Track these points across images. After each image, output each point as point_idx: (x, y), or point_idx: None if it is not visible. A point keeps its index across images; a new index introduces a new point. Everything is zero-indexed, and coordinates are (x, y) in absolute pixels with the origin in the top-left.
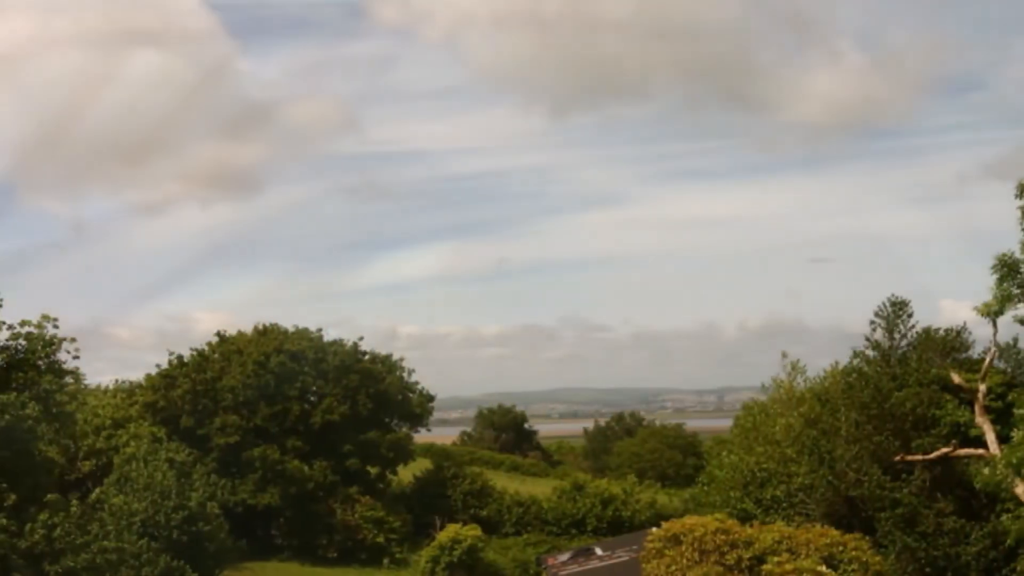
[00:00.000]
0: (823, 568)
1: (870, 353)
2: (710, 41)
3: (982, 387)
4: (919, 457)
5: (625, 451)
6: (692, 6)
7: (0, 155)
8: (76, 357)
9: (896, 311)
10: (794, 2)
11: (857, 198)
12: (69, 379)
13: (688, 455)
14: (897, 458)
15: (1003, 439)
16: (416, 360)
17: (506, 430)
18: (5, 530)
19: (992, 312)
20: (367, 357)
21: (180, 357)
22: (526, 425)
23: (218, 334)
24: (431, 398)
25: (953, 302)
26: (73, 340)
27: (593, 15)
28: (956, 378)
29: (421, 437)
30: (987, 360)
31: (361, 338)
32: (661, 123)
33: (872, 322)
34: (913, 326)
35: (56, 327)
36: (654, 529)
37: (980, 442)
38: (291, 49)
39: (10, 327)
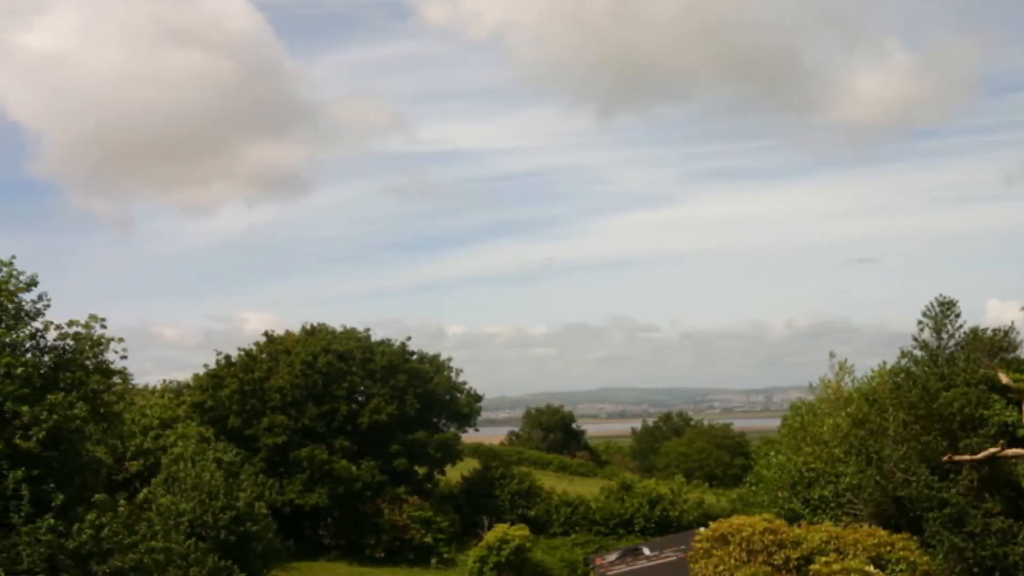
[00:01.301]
0: (871, 568)
1: (918, 353)
2: (754, 42)
3: None
4: (967, 457)
5: (673, 451)
6: (736, 7)
7: (48, 155)
8: (124, 357)
9: (944, 311)
10: (838, 3)
11: (902, 198)
12: (117, 379)
13: (736, 455)
14: (945, 458)
15: None
16: (463, 360)
17: (554, 430)
18: (53, 530)
19: None
20: (415, 357)
21: (227, 357)
22: (574, 425)
23: (266, 334)
24: (479, 398)
25: (1000, 302)
26: (121, 340)
27: (638, 16)
28: (1004, 378)
29: (469, 437)
30: None
31: (409, 338)
32: (705, 123)
33: (920, 322)
34: (961, 326)
35: (104, 327)
36: (702, 529)
37: None
38: (338, 49)
39: (58, 327)
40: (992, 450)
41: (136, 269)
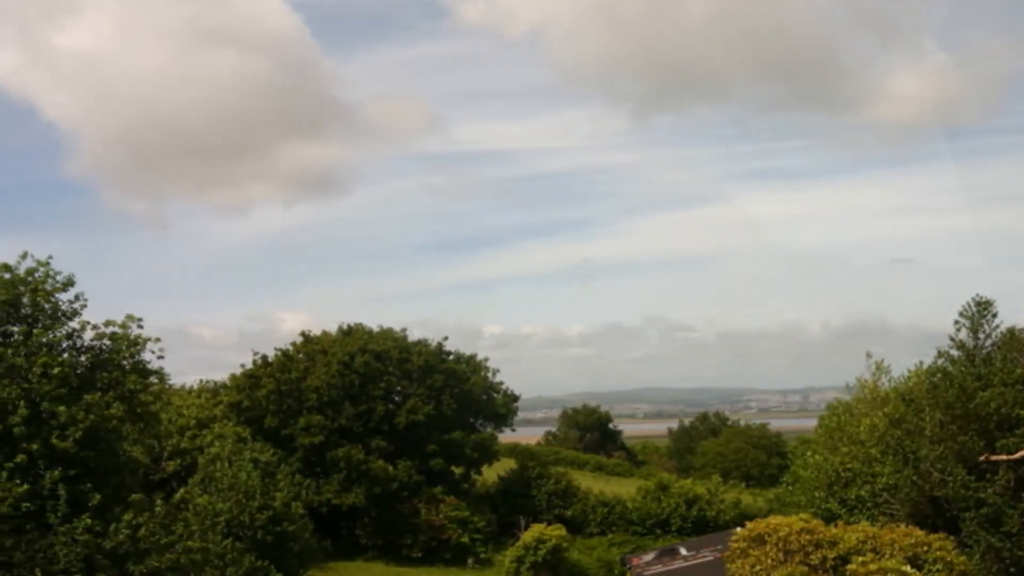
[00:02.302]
0: (908, 568)
1: (954, 353)
2: (791, 42)
3: None
4: (1004, 457)
5: (710, 451)
6: (773, 7)
7: (84, 155)
8: (161, 357)
9: (980, 311)
10: (875, 3)
11: (938, 197)
12: (153, 379)
13: (772, 455)
14: (982, 458)
15: None
16: (500, 360)
17: (591, 430)
18: (90, 530)
19: None
20: (451, 357)
21: (264, 357)
22: (611, 425)
23: (302, 334)
24: (515, 398)
25: None
26: (158, 340)
27: (674, 16)
28: None
29: (505, 437)
30: None
31: (446, 338)
32: (742, 123)
33: (956, 322)
34: (998, 326)
35: (140, 327)
36: (738, 529)
37: None
38: (374, 49)
39: (95, 327)
40: None
41: (172, 269)
